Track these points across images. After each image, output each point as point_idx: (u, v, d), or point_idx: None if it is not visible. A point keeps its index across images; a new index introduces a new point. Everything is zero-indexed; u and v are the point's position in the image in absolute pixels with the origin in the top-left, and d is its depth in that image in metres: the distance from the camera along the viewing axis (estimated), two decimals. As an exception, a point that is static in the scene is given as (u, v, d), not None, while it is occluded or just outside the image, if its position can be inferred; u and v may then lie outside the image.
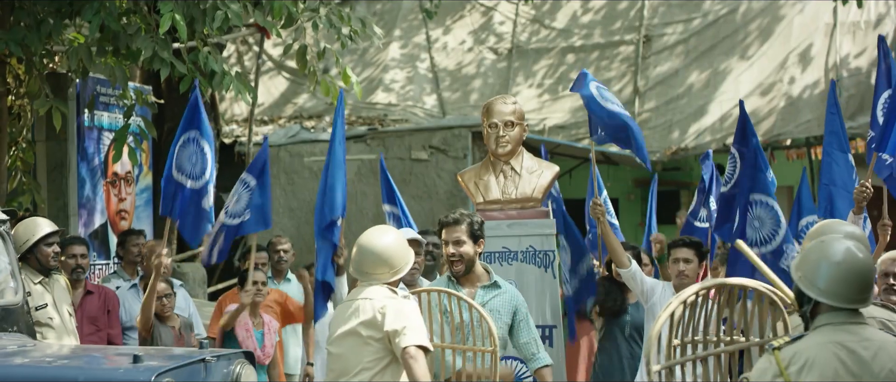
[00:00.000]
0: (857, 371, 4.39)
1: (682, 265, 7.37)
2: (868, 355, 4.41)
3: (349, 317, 5.78)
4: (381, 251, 5.87)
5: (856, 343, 4.44)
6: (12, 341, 6.44)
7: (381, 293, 5.79)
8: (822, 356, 4.41)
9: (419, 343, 5.66)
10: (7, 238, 6.81)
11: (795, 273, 4.58)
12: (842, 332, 4.45)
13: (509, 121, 7.85)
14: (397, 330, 5.64)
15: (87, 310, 8.13)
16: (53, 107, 9.56)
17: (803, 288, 4.53)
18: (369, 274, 5.86)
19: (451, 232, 6.72)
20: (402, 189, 13.90)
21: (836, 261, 4.49)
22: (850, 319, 4.49)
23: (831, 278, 4.48)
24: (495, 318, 6.67)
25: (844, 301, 4.48)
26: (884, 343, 4.48)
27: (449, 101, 17.11)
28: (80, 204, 11.12)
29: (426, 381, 5.65)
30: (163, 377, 5.51)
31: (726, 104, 16.21)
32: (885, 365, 4.41)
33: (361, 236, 6.00)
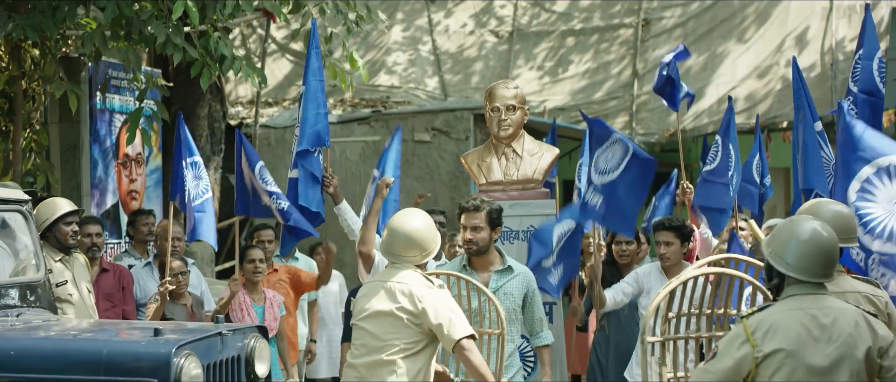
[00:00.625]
0: (818, 335, 4.76)
1: (663, 248, 7.71)
2: (828, 321, 4.79)
3: (384, 299, 5.95)
4: (411, 233, 6.05)
5: (817, 310, 4.82)
6: (36, 315, 6.74)
7: (415, 280, 5.98)
8: (786, 321, 4.79)
9: (467, 334, 5.89)
10: (29, 217, 7.09)
11: (766, 249, 4.95)
12: (805, 300, 4.83)
13: (511, 105, 8.12)
14: (443, 324, 5.85)
15: (103, 287, 8.41)
16: (69, 90, 9.81)
17: (773, 263, 4.91)
18: (400, 255, 6.05)
19: (470, 219, 6.98)
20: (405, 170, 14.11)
21: (804, 240, 4.88)
22: (814, 291, 4.86)
23: (799, 254, 4.87)
24: (509, 301, 6.99)
25: (810, 275, 4.86)
26: (842, 310, 4.85)
27: (450, 84, 17.24)
28: (92, 184, 11.35)
29: (483, 366, 5.92)
30: (183, 349, 5.79)
31: (723, 87, 16.34)
32: (843, 330, 4.79)
33: (392, 219, 6.21)
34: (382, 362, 5.93)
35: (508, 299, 7.01)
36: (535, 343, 7.20)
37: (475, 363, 5.91)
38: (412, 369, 5.93)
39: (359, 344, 6.07)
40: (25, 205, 7.07)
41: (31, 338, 6.22)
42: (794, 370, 4.75)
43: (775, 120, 16.38)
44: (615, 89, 16.78)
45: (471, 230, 6.99)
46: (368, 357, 5.97)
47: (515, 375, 7.14)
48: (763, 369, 4.79)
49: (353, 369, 6.06)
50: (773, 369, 4.77)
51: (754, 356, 4.80)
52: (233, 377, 6.28)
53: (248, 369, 6.40)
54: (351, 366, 6.09)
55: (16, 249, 7.05)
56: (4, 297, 6.66)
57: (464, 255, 7.17)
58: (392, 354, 5.92)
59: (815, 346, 4.77)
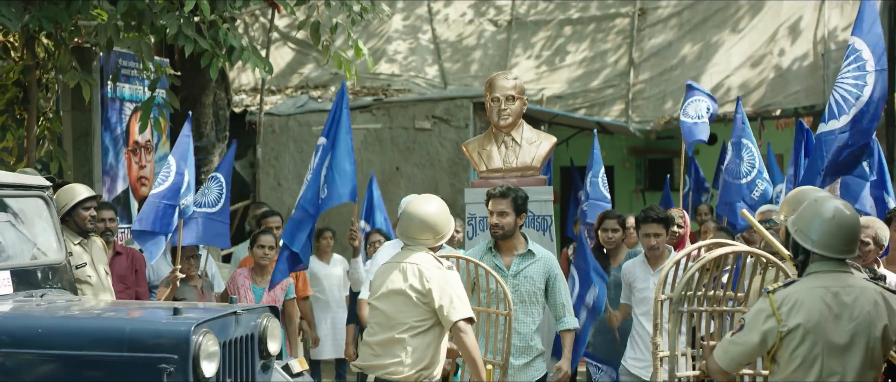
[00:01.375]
0: (839, 312, 5.06)
1: (652, 240, 7.96)
2: (849, 299, 5.08)
3: (397, 278, 6.27)
4: (425, 217, 6.37)
5: (839, 288, 5.10)
6: (59, 296, 7.02)
7: (426, 261, 6.29)
8: (810, 298, 5.08)
9: (465, 317, 6.20)
10: (50, 202, 7.39)
11: (792, 227, 5.23)
12: (828, 278, 5.12)
13: (510, 95, 8.41)
14: (444, 305, 6.16)
15: (117, 270, 8.66)
16: (82, 79, 10.09)
17: (799, 241, 5.20)
18: (415, 238, 6.37)
19: (497, 204, 7.27)
20: (407, 157, 14.39)
21: (828, 218, 5.17)
22: (837, 268, 5.16)
23: (823, 232, 5.15)
24: (530, 284, 7.28)
25: (833, 251, 5.15)
26: (864, 289, 5.14)
27: (450, 72, 17.43)
28: (103, 171, 11.58)
29: (475, 350, 6.21)
30: (201, 327, 6.06)
31: (717, 76, 16.58)
32: (863, 308, 5.08)
33: (408, 204, 6.52)
34: (394, 340, 6.25)
35: (528, 282, 7.30)
36: (558, 327, 7.46)
37: (468, 345, 6.21)
38: (421, 346, 6.24)
39: (373, 323, 6.39)
40: (47, 191, 7.36)
41: (57, 317, 6.50)
42: (815, 345, 5.03)
43: (769, 108, 16.64)
44: (612, 78, 16.97)
45: (497, 215, 7.26)
46: (381, 336, 6.29)
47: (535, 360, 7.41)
48: (786, 342, 5.06)
49: (368, 347, 6.38)
50: (795, 343, 5.04)
51: (779, 330, 5.06)
52: (246, 354, 6.54)
53: (261, 347, 6.67)
54: (366, 344, 6.41)
55: (37, 233, 7.35)
56: (28, 279, 6.95)
57: (490, 239, 7.43)
58: (402, 332, 6.23)
59: (836, 323, 5.04)
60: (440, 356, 6.36)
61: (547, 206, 8.48)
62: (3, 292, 6.72)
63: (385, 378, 6.26)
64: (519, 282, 7.28)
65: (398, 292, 6.27)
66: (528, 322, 7.36)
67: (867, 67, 7.43)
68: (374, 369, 6.33)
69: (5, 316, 6.39)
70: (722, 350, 5.28)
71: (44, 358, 6.11)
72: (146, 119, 10.53)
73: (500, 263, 7.30)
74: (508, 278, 7.28)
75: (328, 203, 8.80)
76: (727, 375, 5.41)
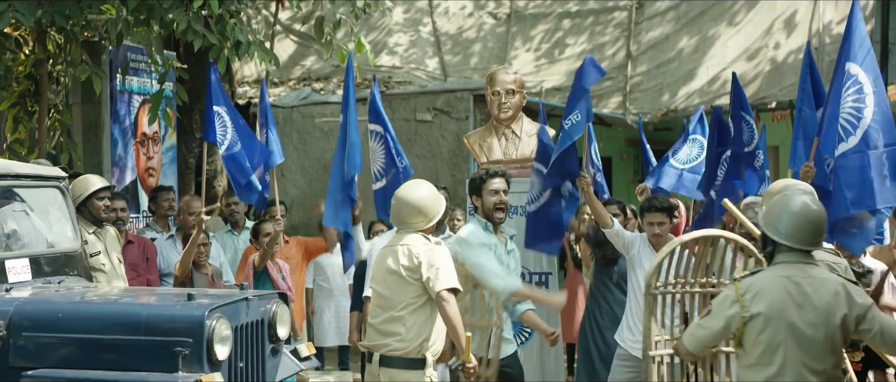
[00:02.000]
0: (801, 301, 5.33)
1: (656, 228, 8.17)
2: (811, 289, 5.35)
3: (391, 261, 6.57)
4: (416, 202, 6.66)
5: (802, 278, 5.38)
6: (75, 283, 7.30)
7: (417, 241, 6.59)
8: (773, 287, 5.36)
9: (449, 287, 6.49)
10: (66, 193, 7.65)
11: (762, 220, 5.52)
12: (793, 269, 5.40)
13: (510, 89, 8.69)
14: (430, 277, 6.46)
15: (129, 258, 8.90)
16: (93, 73, 10.35)
17: (767, 233, 5.49)
18: (407, 223, 6.66)
19: (499, 182, 7.50)
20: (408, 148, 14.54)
21: (795, 212, 5.44)
22: (803, 259, 5.44)
23: (790, 225, 5.43)
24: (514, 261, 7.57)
25: (799, 243, 5.42)
26: (825, 279, 5.41)
27: (450, 64, 17.57)
28: (112, 162, 11.79)
29: (456, 319, 6.48)
30: (214, 312, 6.35)
31: (714, 68, 16.71)
32: (823, 297, 5.35)
33: (399, 189, 6.81)
34: (393, 318, 6.56)
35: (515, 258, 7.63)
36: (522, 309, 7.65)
37: (450, 314, 6.48)
38: (418, 321, 6.55)
39: (375, 306, 6.70)
40: (63, 182, 7.63)
41: (75, 302, 6.77)
42: (777, 331, 5.30)
43: (764, 100, 16.84)
44: (610, 70, 17.07)
45: (505, 192, 7.51)
46: (383, 316, 6.60)
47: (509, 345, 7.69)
48: (749, 328, 5.35)
49: (373, 328, 6.68)
50: (758, 329, 5.33)
51: (742, 316, 5.35)
52: (257, 338, 6.83)
53: (271, 331, 6.96)
54: (370, 325, 6.71)
55: (54, 222, 7.61)
56: (45, 266, 7.22)
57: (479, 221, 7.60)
58: (400, 310, 6.54)
59: (798, 311, 5.31)
60: (438, 331, 6.63)
61: (546, 196, 8.73)
62: (22, 279, 6.99)
63: (388, 354, 6.55)
64: (510, 258, 7.55)
65: (392, 272, 6.57)
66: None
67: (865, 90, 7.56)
68: (378, 347, 6.61)
69: (26, 301, 6.66)
70: (689, 334, 5.59)
71: (63, 342, 6.38)
72: (155, 111, 10.78)
73: (498, 242, 7.54)
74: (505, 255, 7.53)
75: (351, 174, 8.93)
76: (694, 356, 5.80)
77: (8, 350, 6.40)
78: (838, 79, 7.68)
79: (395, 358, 6.55)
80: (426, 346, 6.58)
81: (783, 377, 5.29)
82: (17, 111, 11.07)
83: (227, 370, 6.43)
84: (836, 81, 7.70)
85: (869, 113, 7.62)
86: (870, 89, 7.58)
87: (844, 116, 7.58)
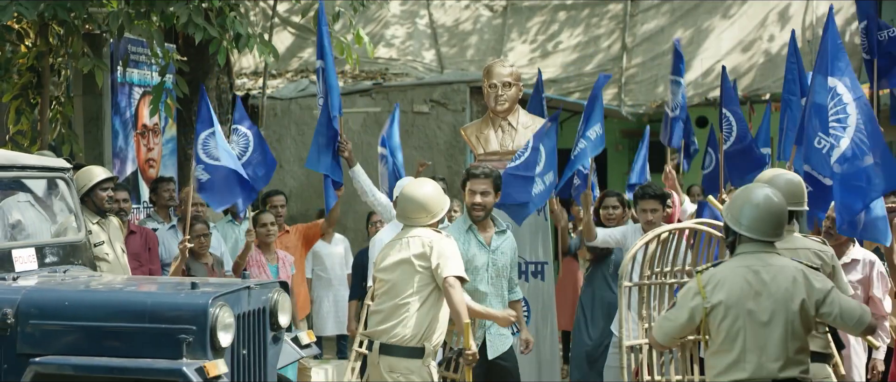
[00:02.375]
0: (759, 289, 5.53)
1: (649, 215, 8.34)
2: (769, 277, 5.54)
3: (400, 250, 6.74)
4: (421, 199, 6.83)
5: (761, 267, 5.56)
6: (80, 272, 7.43)
7: (426, 231, 6.77)
8: (732, 277, 5.56)
9: (455, 274, 6.65)
10: (71, 183, 7.78)
11: (726, 212, 5.70)
12: (752, 259, 5.59)
13: (507, 81, 8.81)
14: (439, 264, 6.62)
15: (131, 248, 9.02)
16: (95, 65, 10.48)
17: (730, 224, 5.68)
18: (412, 219, 6.83)
19: (479, 184, 7.56)
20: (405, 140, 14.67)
21: (756, 204, 5.62)
22: (763, 249, 5.62)
23: (751, 217, 5.61)
24: (504, 258, 7.68)
25: (760, 234, 5.61)
26: (783, 267, 5.59)
27: (447, 56, 17.71)
28: (113, 153, 11.91)
29: (461, 305, 6.62)
30: (217, 300, 6.46)
31: (708, 61, 16.92)
32: (781, 285, 5.54)
33: (405, 187, 6.97)
34: (397, 306, 6.71)
35: (503, 256, 7.70)
36: (510, 298, 7.85)
37: (455, 300, 6.62)
38: (422, 311, 6.71)
39: (381, 292, 6.84)
40: (68, 173, 7.76)
41: (81, 290, 6.90)
42: (736, 319, 5.49)
43: (758, 92, 17.00)
44: (605, 62, 17.30)
45: (480, 194, 7.55)
46: (389, 302, 6.75)
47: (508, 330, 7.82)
48: (711, 318, 5.54)
49: (378, 313, 6.81)
50: (719, 318, 5.52)
51: (704, 306, 5.54)
52: (258, 326, 6.96)
53: (272, 320, 7.09)
54: (376, 312, 6.84)
55: (58, 213, 7.74)
56: (51, 255, 7.35)
57: (465, 217, 7.71)
58: (405, 298, 6.70)
59: (756, 299, 5.49)
60: (440, 322, 6.79)
61: (541, 187, 8.86)
62: (28, 267, 7.12)
63: (388, 342, 6.69)
64: (497, 257, 7.64)
65: (403, 261, 6.73)
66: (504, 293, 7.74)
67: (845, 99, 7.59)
68: (378, 334, 6.76)
69: (33, 289, 6.79)
70: (657, 326, 5.79)
71: (70, 329, 6.50)
72: (157, 103, 10.91)
73: (481, 240, 7.63)
74: (489, 253, 7.62)
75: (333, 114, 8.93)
76: (665, 347, 6.00)
77: (16, 338, 6.52)
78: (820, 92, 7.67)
79: (395, 347, 6.70)
80: (427, 336, 6.73)
81: (743, 362, 5.47)
82: (19, 103, 11.19)
83: (230, 356, 6.56)
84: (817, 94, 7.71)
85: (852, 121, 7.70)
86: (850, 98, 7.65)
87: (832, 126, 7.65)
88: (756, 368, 5.47)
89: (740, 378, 5.49)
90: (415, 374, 6.70)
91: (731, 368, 5.50)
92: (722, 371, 5.53)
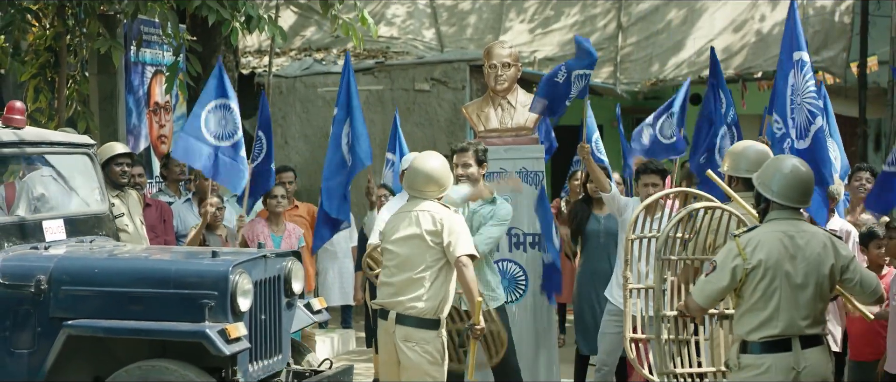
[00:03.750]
0: (794, 253, 5.97)
1: (650, 189, 8.65)
2: (803, 242, 6.00)
3: (411, 224, 7.08)
4: (430, 172, 7.19)
5: (795, 232, 6.02)
6: (106, 242, 7.86)
7: (437, 207, 7.12)
8: (769, 239, 5.99)
9: (468, 253, 7.04)
10: (94, 159, 8.21)
11: (756, 181, 6.13)
12: (785, 224, 6.03)
13: (506, 62, 9.21)
14: (451, 242, 6.99)
15: (148, 220, 9.37)
16: (112, 45, 10.90)
17: (762, 191, 6.11)
18: (421, 190, 7.18)
19: (460, 158, 8.11)
20: (406, 117, 15.08)
21: (786, 173, 6.06)
22: (793, 216, 6.08)
23: (781, 184, 6.04)
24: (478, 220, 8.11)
25: (790, 201, 6.05)
26: (814, 233, 6.06)
27: (446, 35, 17.89)
28: (127, 130, 12.30)
29: (473, 283, 7.04)
30: (237, 268, 6.91)
31: (701, 40, 17.16)
32: (814, 249, 6.00)
33: (414, 160, 7.34)
34: (412, 279, 7.05)
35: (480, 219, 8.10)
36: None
37: (467, 278, 7.03)
38: (436, 283, 7.07)
39: (391, 265, 7.18)
40: (92, 149, 8.19)
41: (110, 258, 7.35)
42: (773, 279, 5.92)
43: (750, 70, 17.36)
44: (601, 41, 17.53)
45: (462, 166, 8.07)
46: (401, 276, 7.09)
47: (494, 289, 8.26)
48: (751, 278, 5.95)
49: (388, 286, 7.17)
50: (758, 278, 5.93)
51: (744, 267, 5.95)
52: (274, 293, 7.40)
53: (286, 287, 7.52)
54: (386, 284, 7.19)
55: (81, 186, 8.14)
56: (77, 226, 7.77)
57: None
58: (419, 272, 7.05)
59: (791, 262, 5.93)
60: (451, 294, 7.18)
61: (539, 163, 9.22)
62: (58, 238, 7.56)
63: (404, 312, 7.06)
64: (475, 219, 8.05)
65: (415, 236, 7.07)
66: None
67: None
68: (393, 305, 7.11)
69: (64, 257, 7.23)
70: (698, 289, 6.12)
71: (100, 294, 6.96)
72: (172, 82, 11.30)
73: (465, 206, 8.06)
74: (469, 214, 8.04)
75: (355, 170, 9.54)
76: (704, 311, 6.31)
77: (49, 302, 6.98)
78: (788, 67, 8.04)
79: (411, 318, 7.06)
80: (441, 308, 7.11)
81: (776, 319, 5.91)
82: (37, 81, 11.58)
83: (248, 321, 6.99)
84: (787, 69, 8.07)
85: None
86: None
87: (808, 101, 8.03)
88: (787, 325, 5.90)
89: (772, 334, 5.91)
90: (430, 344, 7.08)
91: (764, 324, 5.92)
92: (754, 329, 5.94)
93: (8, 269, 7.08)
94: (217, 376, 6.79)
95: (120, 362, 6.86)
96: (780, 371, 5.89)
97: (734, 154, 7.11)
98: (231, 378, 6.80)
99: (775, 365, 5.89)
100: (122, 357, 6.91)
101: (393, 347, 7.14)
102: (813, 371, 5.92)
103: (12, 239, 7.30)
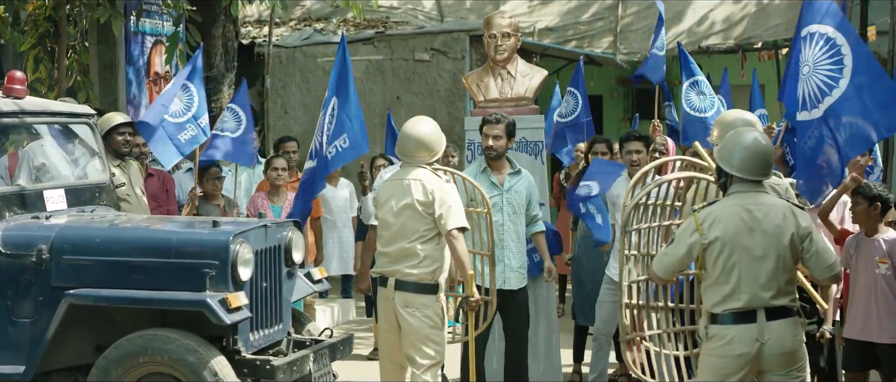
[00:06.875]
0: (752, 226, 6.00)
1: (633, 156, 8.77)
2: (761, 214, 6.02)
3: (403, 194, 7.12)
4: (421, 137, 7.23)
5: (753, 205, 6.03)
6: (107, 212, 7.89)
7: (427, 175, 7.15)
8: (727, 214, 6.03)
9: (459, 226, 7.10)
10: (95, 129, 8.23)
11: (717, 155, 6.16)
12: (745, 197, 6.05)
13: (506, 32, 9.23)
14: (442, 214, 7.04)
15: (150, 190, 9.40)
16: (112, 15, 10.90)
17: (722, 165, 6.14)
18: (413, 156, 7.21)
19: (492, 129, 8.28)
20: (407, 87, 15.16)
21: (746, 146, 6.08)
22: (754, 188, 6.09)
23: (742, 158, 6.07)
24: (517, 197, 8.32)
25: (750, 174, 6.08)
26: (773, 205, 6.07)
27: (446, 5, 17.77)
28: (127, 100, 12.34)
29: (464, 256, 7.11)
30: (238, 237, 6.94)
31: (701, 9, 17.16)
32: (772, 221, 6.02)
33: (405, 125, 7.35)
34: (406, 248, 7.13)
35: (517, 195, 8.35)
36: (532, 230, 8.52)
37: (458, 250, 7.10)
38: (431, 251, 7.14)
39: (386, 235, 7.24)
40: (93, 118, 8.21)
41: (111, 228, 7.37)
42: (732, 254, 5.95)
43: (750, 40, 17.38)
44: (601, 11, 17.52)
45: (493, 138, 8.26)
46: (395, 245, 7.16)
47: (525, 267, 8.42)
48: (709, 253, 6.00)
49: (385, 255, 7.24)
50: (715, 253, 5.98)
51: (701, 242, 6.00)
52: (274, 262, 7.43)
53: (287, 256, 7.55)
54: (382, 253, 7.26)
55: (81, 156, 8.16)
56: (78, 196, 7.80)
57: (481, 160, 8.42)
58: (413, 241, 7.12)
59: (750, 235, 5.96)
60: (447, 260, 7.25)
61: (538, 133, 9.29)
62: (58, 207, 7.59)
63: (403, 278, 7.13)
64: (510, 196, 8.31)
65: (407, 206, 7.12)
66: (521, 229, 8.39)
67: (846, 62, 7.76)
68: (392, 273, 7.18)
69: (65, 226, 7.26)
70: (658, 261, 6.25)
71: (101, 264, 6.99)
72: (172, 52, 11.32)
73: (494, 180, 8.33)
74: (503, 193, 8.29)
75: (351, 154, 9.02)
76: (665, 280, 6.45)
77: (51, 272, 7.01)
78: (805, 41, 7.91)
79: (410, 283, 7.13)
80: (439, 272, 7.17)
81: (739, 293, 5.95)
82: (37, 51, 11.59)
83: (249, 290, 7.02)
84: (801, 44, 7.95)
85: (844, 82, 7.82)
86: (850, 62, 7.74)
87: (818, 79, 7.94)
88: (750, 298, 5.93)
89: (736, 307, 5.95)
90: (429, 308, 7.15)
91: (727, 298, 5.96)
92: (719, 302, 5.99)
93: (9, 239, 7.11)
94: (218, 345, 6.83)
95: (121, 331, 6.89)
96: (743, 342, 5.93)
97: (723, 124, 7.10)
98: (232, 346, 6.84)
99: (739, 337, 5.93)
100: (124, 326, 6.95)
101: (393, 314, 7.20)
102: (777, 342, 5.95)
103: (14, 208, 7.33)
